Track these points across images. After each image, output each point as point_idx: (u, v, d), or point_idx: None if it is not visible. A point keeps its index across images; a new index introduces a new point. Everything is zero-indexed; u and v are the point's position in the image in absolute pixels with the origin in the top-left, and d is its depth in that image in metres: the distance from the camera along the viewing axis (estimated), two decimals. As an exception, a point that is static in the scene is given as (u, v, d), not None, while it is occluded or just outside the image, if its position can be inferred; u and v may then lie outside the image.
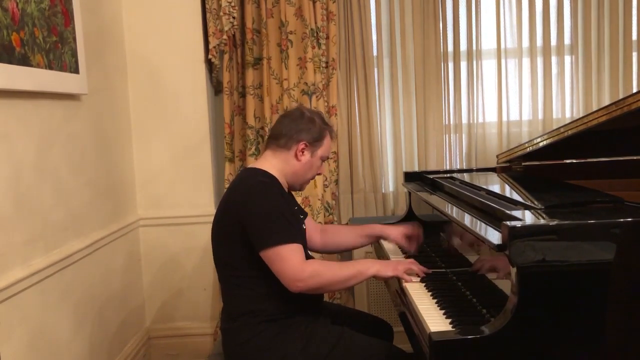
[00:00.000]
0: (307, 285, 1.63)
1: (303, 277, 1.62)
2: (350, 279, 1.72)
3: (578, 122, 1.70)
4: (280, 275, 1.64)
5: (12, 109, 1.78)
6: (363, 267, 1.74)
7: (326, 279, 1.68)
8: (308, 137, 1.84)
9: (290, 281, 1.63)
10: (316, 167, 1.89)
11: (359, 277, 1.74)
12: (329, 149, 1.91)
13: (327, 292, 1.75)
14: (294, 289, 1.64)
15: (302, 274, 1.62)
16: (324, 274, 1.68)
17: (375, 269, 1.73)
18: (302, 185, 1.92)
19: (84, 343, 2.18)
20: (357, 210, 3.01)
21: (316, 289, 1.69)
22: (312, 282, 1.64)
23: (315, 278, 1.65)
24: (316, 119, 1.87)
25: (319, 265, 1.72)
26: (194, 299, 2.88)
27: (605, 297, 1.24)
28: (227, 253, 1.77)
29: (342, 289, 1.79)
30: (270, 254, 1.64)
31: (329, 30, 2.78)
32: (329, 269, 1.72)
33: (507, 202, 1.56)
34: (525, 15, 2.92)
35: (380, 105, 2.96)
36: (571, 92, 2.97)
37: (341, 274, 1.71)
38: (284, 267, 1.63)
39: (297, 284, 1.63)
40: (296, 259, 1.64)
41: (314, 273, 1.65)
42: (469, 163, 2.97)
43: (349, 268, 1.74)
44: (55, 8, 1.98)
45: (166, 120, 2.80)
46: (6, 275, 1.70)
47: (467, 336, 1.24)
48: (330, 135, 1.91)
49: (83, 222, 2.22)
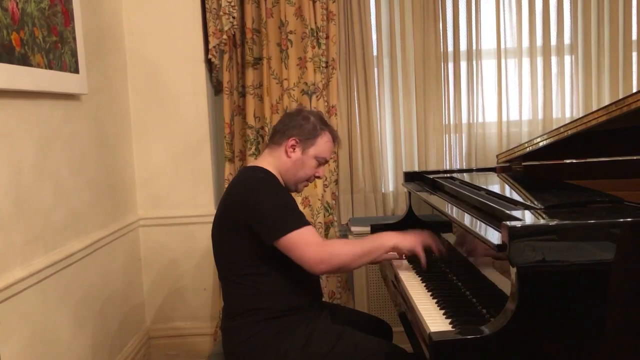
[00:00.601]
0: (331, 266, 1.64)
1: (325, 258, 1.62)
2: (371, 252, 1.71)
3: (578, 122, 1.70)
4: (302, 260, 1.63)
5: (12, 109, 1.78)
6: (382, 239, 1.74)
7: (348, 255, 1.68)
8: (299, 133, 1.83)
9: (314, 264, 1.62)
10: (309, 166, 1.86)
11: (379, 250, 1.73)
12: (325, 150, 1.89)
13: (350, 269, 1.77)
14: (318, 271, 1.64)
15: (323, 254, 1.62)
16: (344, 251, 1.68)
17: (395, 241, 1.73)
18: (295, 184, 1.89)
19: (84, 343, 2.18)
20: (357, 210, 3.01)
21: (339, 268, 1.68)
22: (335, 261, 1.64)
23: (337, 257, 1.65)
24: (312, 118, 1.87)
25: (338, 243, 1.74)
26: (194, 299, 2.89)
27: (605, 297, 1.24)
28: (229, 251, 1.77)
29: (365, 263, 1.75)
30: (286, 242, 1.63)
31: (329, 30, 2.78)
32: (348, 245, 1.72)
33: (507, 202, 1.56)
34: (525, 15, 2.92)
35: (380, 105, 2.96)
36: (571, 92, 2.97)
37: (361, 248, 1.70)
38: (304, 252, 1.62)
39: (320, 266, 1.63)
40: (314, 241, 1.64)
41: (334, 252, 1.65)
42: (469, 163, 2.97)
43: (368, 242, 1.74)
44: (55, 8, 1.98)
45: (166, 120, 2.80)
46: (6, 275, 1.70)
47: (467, 336, 1.23)
48: (331, 136, 1.90)
49: (83, 222, 2.22)
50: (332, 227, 2.84)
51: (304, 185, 1.93)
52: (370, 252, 1.72)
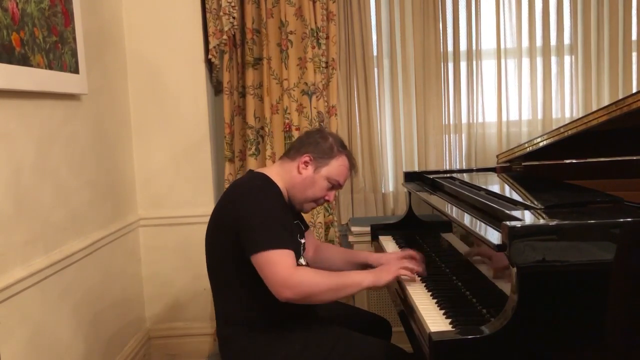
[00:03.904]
0: (295, 293, 1.54)
1: (291, 284, 1.53)
2: (344, 288, 1.62)
3: (578, 122, 1.70)
4: (268, 281, 1.56)
5: (12, 109, 1.78)
6: (358, 278, 1.65)
7: (316, 287, 1.58)
8: (314, 151, 1.78)
9: (278, 287, 1.54)
10: (320, 187, 1.79)
11: (353, 288, 1.65)
12: (339, 173, 1.81)
13: (316, 302, 1.64)
14: (281, 297, 1.55)
15: (290, 280, 1.54)
16: (313, 282, 1.58)
17: (370, 280, 1.64)
18: (301, 203, 1.82)
19: (83, 343, 2.18)
20: (357, 210, 3.02)
21: (304, 298, 1.57)
22: (299, 289, 1.55)
23: (304, 286, 1.55)
24: (330, 138, 1.82)
25: (309, 272, 1.62)
26: (194, 299, 2.88)
27: (605, 297, 1.24)
28: (220, 256, 1.73)
29: (333, 299, 1.65)
30: (259, 259, 1.57)
31: (329, 30, 2.78)
32: (320, 277, 1.61)
33: (507, 202, 1.56)
34: (525, 15, 2.93)
35: (380, 105, 2.96)
36: (571, 92, 2.98)
37: (332, 283, 1.60)
38: (271, 273, 1.55)
39: (284, 292, 1.54)
40: (285, 264, 1.56)
41: (302, 281, 1.56)
42: (469, 163, 2.98)
43: (342, 278, 1.64)
44: (55, 8, 1.98)
45: (166, 120, 2.80)
46: (6, 275, 1.70)
47: (467, 336, 1.23)
48: (348, 161, 1.82)
49: (83, 222, 2.22)
50: (332, 227, 2.84)
51: (311, 206, 1.85)
52: (343, 287, 1.62)
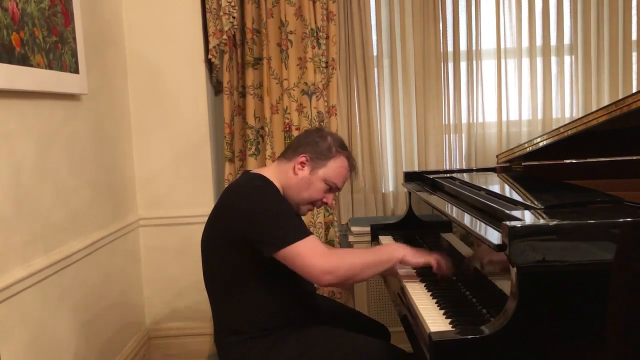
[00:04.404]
0: (337, 277, 1.55)
1: (330, 269, 1.53)
2: (379, 263, 1.63)
3: (578, 122, 1.70)
4: (306, 271, 1.55)
5: (12, 109, 1.78)
6: (391, 250, 1.66)
7: (355, 266, 1.59)
8: (311, 151, 1.74)
9: (319, 274, 1.54)
10: (316, 189, 1.75)
11: (388, 262, 1.64)
12: (337, 175, 1.77)
13: (357, 281, 1.66)
14: (324, 282, 1.55)
15: (327, 265, 1.53)
16: (351, 262, 1.59)
17: (404, 252, 1.64)
18: (298, 205, 1.77)
19: (83, 343, 2.18)
20: (357, 210, 3.02)
21: (346, 279, 1.59)
22: (341, 272, 1.55)
23: (344, 267, 1.56)
24: (329, 138, 1.78)
25: (344, 253, 1.66)
26: (194, 299, 2.88)
27: (605, 297, 1.24)
28: (218, 262, 1.70)
29: (373, 275, 1.66)
30: (288, 253, 1.54)
31: (329, 30, 2.78)
32: (355, 255, 1.64)
33: (507, 202, 1.56)
34: (525, 15, 2.93)
35: (380, 105, 2.96)
36: (571, 92, 2.98)
37: (368, 259, 1.62)
38: (308, 263, 1.53)
39: (326, 277, 1.54)
40: (319, 251, 1.56)
41: (341, 262, 1.57)
42: (469, 163, 2.98)
43: (376, 253, 1.66)
44: (55, 8, 1.98)
45: (166, 120, 2.80)
46: (6, 275, 1.70)
47: (467, 336, 1.23)
48: (347, 162, 1.79)
49: (83, 222, 2.22)
50: (332, 227, 2.84)
51: (307, 208, 1.81)
52: (378, 262, 1.63)
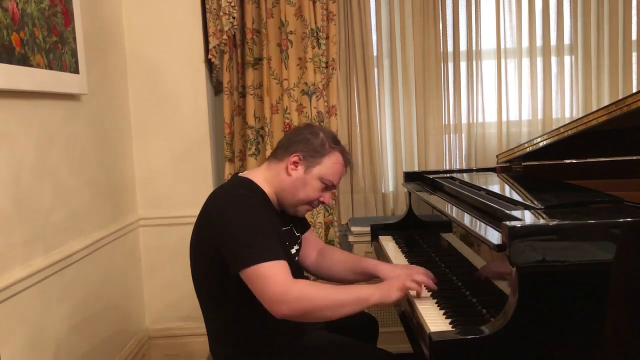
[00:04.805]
0: (292, 310, 1.39)
1: (287, 299, 1.38)
2: (346, 305, 1.45)
3: (578, 122, 1.70)
4: (261, 297, 1.42)
5: (12, 109, 1.78)
6: (363, 294, 1.47)
7: (316, 303, 1.42)
8: (303, 150, 1.64)
9: (273, 303, 1.40)
10: (312, 188, 1.65)
11: (358, 305, 1.47)
12: (333, 172, 1.67)
13: (315, 319, 1.49)
14: (277, 314, 1.40)
15: (286, 295, 1.39)
16: (312, 297, 1.42)
17: (377, 297, 1.47)
18: (294, 207, 1.68)
19: (83, 343, 2.18)
20: (357, 210, 3.02)
21: (302, 315, 1.42)
22: (297, 305, 1.39)
23: (302, 301, 1.40)
24: (321, 134, 1.68)
25: (308, 286, 1.45)
26: (194, 299, 2.85)
27: (605, 297, 1.24)
28: (204, 270, 1.64)
29: (335, 317, 1.47)
30: (249, 274, 1.42)
31: (329, 30, 2.78)
32: (320, 291, 1.45)
33: (507, 202, 1.56)
34: (525, 15, 2.93)
35: (380, 105, 2.96)
36: (571, 92, 2.98)
37: (335, 299, 1.45)
38: (265, 288, 1.40)
39: (281, 307, 1.39)
40: (279, 277, 1.41)
41: (301, 295, 1.40)
42: (469, 163, 2.98)
43: (346, 293, 1.48)
44: (55, 8, 1.98)
45: (166, 120, 2.80)
46: (6, 275, 1.70)
47: (467, 336, 1.23)
48: (342, 158, 1.69)
49: (83, 222, 2.22)
50: (332, 227, 2.84)
51: (305, 209, 1.72)
52: (347, 304, 1.45)
